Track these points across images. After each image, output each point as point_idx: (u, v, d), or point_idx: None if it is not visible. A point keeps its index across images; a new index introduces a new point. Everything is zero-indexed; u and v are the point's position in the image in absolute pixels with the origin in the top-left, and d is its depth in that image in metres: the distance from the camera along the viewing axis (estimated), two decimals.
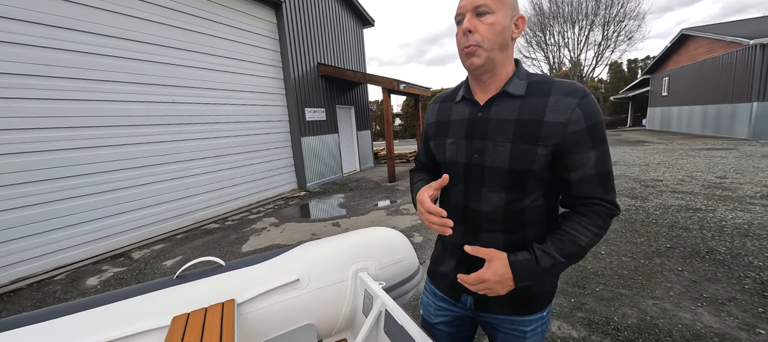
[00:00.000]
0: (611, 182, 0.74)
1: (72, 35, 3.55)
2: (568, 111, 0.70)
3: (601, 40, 21.97)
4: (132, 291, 1.16)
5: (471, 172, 0.81)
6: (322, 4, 7.75)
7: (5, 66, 3.10)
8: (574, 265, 2.74)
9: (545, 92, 0.74)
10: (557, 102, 0.72)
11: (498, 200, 0.78)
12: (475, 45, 0.73)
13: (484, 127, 0.78)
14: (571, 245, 0.72)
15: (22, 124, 3.22)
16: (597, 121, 0.71)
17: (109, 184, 3.90)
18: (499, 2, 0.71)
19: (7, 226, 3.14)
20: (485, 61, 0.74)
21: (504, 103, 0.77)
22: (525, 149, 0.73)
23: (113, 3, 3.90)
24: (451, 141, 0.85)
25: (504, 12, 0.72)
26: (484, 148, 0.78)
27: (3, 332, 0.97)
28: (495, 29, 0.71)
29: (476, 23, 0.72)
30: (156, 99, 4.37)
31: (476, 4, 0.71)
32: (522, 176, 0.75)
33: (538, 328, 0.86)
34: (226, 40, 5.41)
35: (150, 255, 3.79)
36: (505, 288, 0.74)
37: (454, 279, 0.88)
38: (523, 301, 0.83)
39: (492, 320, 0.88)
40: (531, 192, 0.77)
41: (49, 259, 3.41)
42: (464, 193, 0.83)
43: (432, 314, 0.99)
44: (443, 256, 0.95)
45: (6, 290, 3.02)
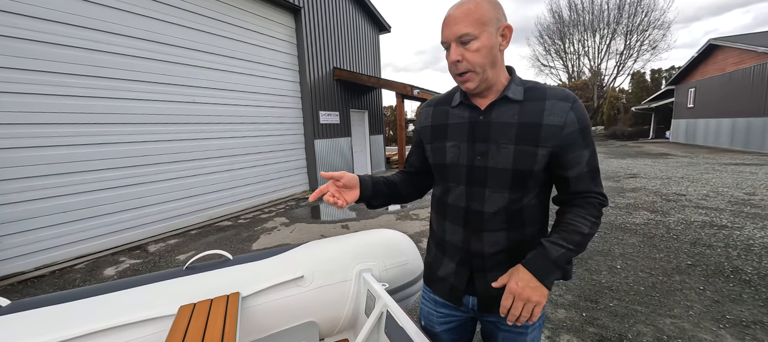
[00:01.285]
0: (599, 177, 0.81)
1: (104, 36, 3.74)
2: (563, 114, 0.75)
3: (623, 50, 21.38)
4: (144, 279, 1.20)
5: (474, 174, 0.83)
6: (340, 10, 7.89)
7: (37, 64, 3.29)
8: (587, 278, 2.65)
9: (541, 97, 0.78)
10: (554, 106, 0.76)
11: (501, 200, 0.81)
12: (465, 71, 0.76)
13: (486, 130, 0.81)
14: (576, 234, 0.75)
15: (51, 119, 3.40)
16: (587, 123, 0.78)
17: (129, 179, 4.06)
18: (480, 25, 0.72)
19: (32, 215, 3.31)
20: (479, 83, 0.78)
21: (504, 107, 0.80)
22: (527, 150, 0.77)
23: (144, 7, 4.10)
24: (452, 144, 0.86)
25: (487, 33, 0.73)
26: (487, 150, 0.80)
27: (26, 311, 1.02)
28: (482, 53, 0.74)
29: (462, 52, 0.74)
30: (177, 99, 4.54)
31: (459, 33, 0.73)
32: (524, 176, 0.79)
33: (536, 322, 0.88)
34: (245, 43, 5.58)
35: (165, 249, 3.91)
36: (537, 290, 0.73)
37: (454, 282, 0.90)
38: None
39: (494, 319, 0.89)
40: (529, 191, 0.81)
41: (70, 249, 3.56)
42: (466, 195, 0.84)
43: (435, 322, 0.98)
44: (440, 260, 0.94)
45: (30, 276, 3.18)
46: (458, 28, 0.73)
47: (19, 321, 0.99)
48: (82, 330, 0.98)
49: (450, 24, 0.75)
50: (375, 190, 0.94)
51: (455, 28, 0.73)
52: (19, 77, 3.18)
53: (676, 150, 12.01)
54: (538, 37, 25.98)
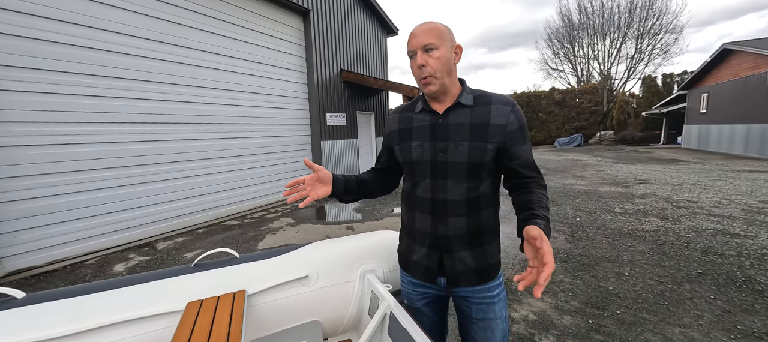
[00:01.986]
0: (536, 165, 0.99)
1: (117, 38, 3.84)
2: (505, 115, 0.93)
3: (634, 54, 21.10)
4: (152, 275, 1.22)
5: (436, 169, 0.98)
6: (348, 12, 7.95)
7: (51, 64, 3.39)
8: (594, 285, 2.62)
9: (488, 102, 0.96)
10: (498, 109, 0.94)
11: (460, 190, 0.96)
12: (429, 76, 0.92)
13: (445, 131, 0.97)
14: (546, 209, 0.90)
15: (64, 118, 3.49)
16: (525, 123, 0.97)
17: (139, 177, 4.14)
18: (440, 39, 0.91)
19: (45, 211, 3.39)
20: (439, 87, 0.94)
21: (459, 111, 0.97)
22: (479, 146, 0.93)
23: (157, 10, 4.19)
24: (417, 144, 1.01)
25: (445, 46, 0.92)
26: (447, 147, 0.96)
27: (40, 303, 1.05)
28: (442, 61, 0.92)
29: (427, 58, 0.91)
30: (187, 99, 4.62)
31: (424, 43, 0.91)
32: (477, 168, 0.95)
33: (501, 293, 1.04)
34: (255, 45, 5.66)
35: (173, 246, 3.97)
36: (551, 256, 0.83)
37: (427, 264, 1.04)
38: (485, 270, 1.01)
39: (465, 294, 1.03)
40: (483, 181, 0.97)
41: (81, 245, 3.65)
42: (431, 187, 0.99)
43: (415, 299, 1.14)
44: (412, 247, 1.09)
45: (42, 271, 3.26)
46: (423, 38, 0.91)
47: (34, 313, 1.02)
48: (94, 323, 1.01)
49: (417, 36, 0.92)
50: (346, 187, 1.11)
51: (421, 38, 0.91)
52: (35, 77, 3.28)
53: (688, 156, 11.78)
54: (546, 41, 25.82)
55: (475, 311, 1.04)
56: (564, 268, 2.97)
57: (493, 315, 1.03)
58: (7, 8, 3.07)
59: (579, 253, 3.29)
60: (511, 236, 3.88)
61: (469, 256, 1.00)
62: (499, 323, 1.03)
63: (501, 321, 1.04)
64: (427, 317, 1.14)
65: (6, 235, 3.14)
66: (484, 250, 1.01)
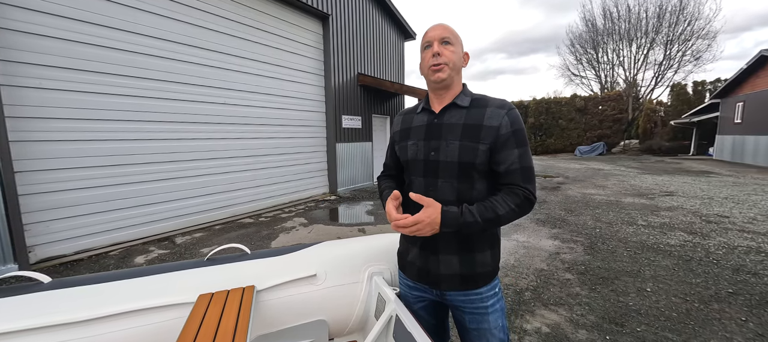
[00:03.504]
0: (530, 174, 0.94)
1: (146, 40, 4.04)
2: (499, 118, 0.94)
3: (663, 60, 20.26)
4: (168, 267, 1.27)
5: (428, 167, 1.00)
6: (367, 17, 8.04)
7: (87, 65, 3.60)
8: (612, 299, 2.51)
9: (483, 105, 0.98)
10: (492, 112, 0.95)
11: (451, 190, 0.97)
12: (442, 63, 0.96)
13: (438, 130, 0.99)
14: (491, 212, 0.90)
15: (95, 115, 3.69)
16: (520, 128, 0.95)
17: (162, 174, 4.32)
18: (455, 39, 0.99)
19: (75, 203, 3.59)
20: (447, 77, 0.97)
21: (454, 111, 1.00)
22: (470, 146, 0.94)
23: (184, 14, 4.38)
24: (412, 143, 1.04)
25: (459, 45, 1.00)
26: (439, 146, 0.98)
27: (65, 288, 1.11)
28: (455, 55, 0.98)
29: (442, 49, 0.96)
30: (210, 100, 4.79)
31: (443, 35, 0.97)
32: (467, 168, 0.95)
33: (495, 304, 1.03)
34: (275, 49, 5.81)
35: (191, 241, 4.10)
36: (432, 230, 0.90)
37: (420, 265, 1.05)
38: (469, 277, 1.00)
39: (457, 303, 1.03)
40: (476, 183, 0.97)
41: (106, 236, 3.83)
42: (424, 185, 1.01)
43: (412, 302, 1.15)
44: (408, 247, 1.11)
45: (70, 259, 3.44)
46: (441, 32, 0.97)
47: (58, 297, 1.08)
48: (111, 310, 1.05)
49: (435, 30, 0.98)
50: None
51: (439, 32, 0.97)
52: (71, 76, 3.49)
53: (720, 168, 11.13)
54: (568, 46, 25.13)
55: (468, 320, 1.03)
56: (581, 280, 2.86)
57: (488, 325, 1.01)
58: (46, 12, 3.29)
59: (597, 265, 3.16)
60: (527, 245, 3.78)
61: (457, 260, 0.99)
62: (495, 334, 1.02)
63: (497, 331, 1.02)
64: (425, 321, 1.13)
65: (39, 224, 3.34)
66: (474, 258, 0.99)
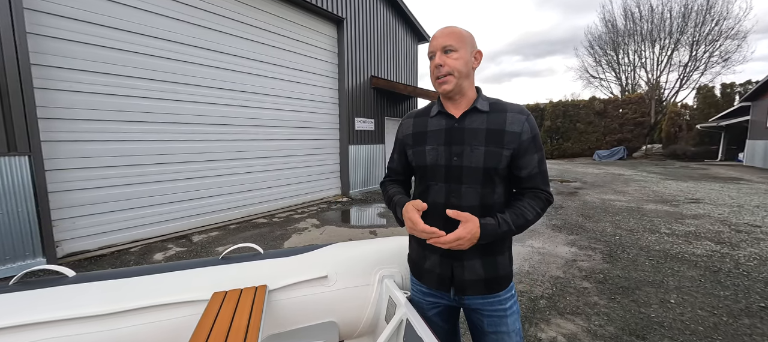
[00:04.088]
0: (547, 178, 1.00)
1: (165, 45, 4.19)
2: (520, 124, 0.95)
3: (688, 62, 19.46)
4: (184, 265, 1.30)
5: (451, 173, 0.97)
6: (381, 20, 8.08)
7: (109, 68, 3.76)
8: (633, 310, 2.40)
9: (503, 110, 0.97)
10: (513, 117, 0.96)
11: (475, 195, 0.96)
12: (445, 75, 0.94)
13: (461, 135, 0.97)
14: (522, 219, 0.94)
15: (118, 117, 3.84)
16: (537, 133, 0.98)
17: (180, 174, 4.45)
18: (460, 42, 0.94)
19: (99, 200, 3.74)
20: (454, 87, 0.95)
21: (475, 116, 0.98)
22: (495, 151, 0.94)
23: (201, 19, 4.52)
24: (431, 147, 1.01)
25: (465, 49, 0.95)
26: (462, 151, 0.96)
27: (88, 282, 1.16)
28: (460, 62, 0.94)
29: (445, 59, 0.94)
30: (227, 102, 4.91)
31: (444, 44, 0.94)
32: (491, 173, 0.95)
33: (513, 306, 1.04)
34: (290, 52, 5.91)
35: (207, 240, 4.20)
36: (471, 243, 0.91)
37: (441, 272, 1.02)
38: (493, 281, 1.00)
39: (476, 306, 1.03)
40: (497, 187, 0.98)
41: (127, 233, 3.97)
42: (445, 191, 0.99)
43: (425, 308, 1.12)
44: (424, 254, 1.08)
45: (94, 254, 3.58)
46: (443, 40, 0.94)
47: (81, 290, 1.12)
48: (132, 305, 1.09)
49: (437, 38, 0.95)
50: None
51: (441, 40, 0.94)
52: (97, 79, 3.65)
53: (751, 174, 10.56)
54: (587, 48, 24.51)
55: (487, 324, 1.03)
56: (599, 289, 2.76)
57: (506, 328, 1.02)
58: (76, 18, 3.46)
59: (617, 274, 3.05)
60: (542, 251, 3.68)
61: (480, 265, 0.99)
62: (512, 337, 1.03)
63: (514, 334, 1.03)
64: (439, 327, 1.13)
65: (66, 221, 3.50)
66: (496, 261, 1.01)
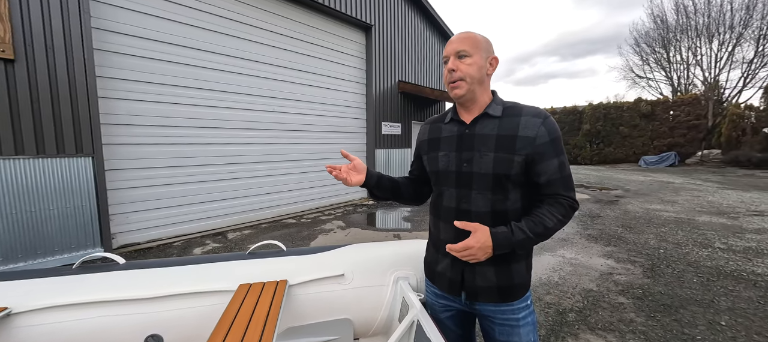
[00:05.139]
0: (571, 183, 0.94)
1: (207, 56, 4.54)
2: (535, 128, 0.91)
3: (754, 58, 17.43)
4: (216, 257, 1.42)
5: (461, 179, 0.98)
6: (409, 26, 8.13)
7: (158, 78, 4.14)
8: (675, 330, 2.21)
9: (517, 114, 0.94)
10: (527, 121, 0.92)
11: (485, 201, 0.95)
12: (458, 80, 0.94)
13: (471, 141, 0.98)
14: (540, 226, 0.90)
15: (164, 122, 4.22)
16: (557, 136, 0.93)
17: (218, 175, 4.78)
18: (475, 47, 0.94)
19: (148, 198, 4.12)
20: (466, 92, 0.95)
21: (486, 121, 0.97)
22: (504, 157, 0.92)
23: (238, 30, 4.85)
24: (443, 153, 1.03)
25: (479, 55, 0.94)
26: (472, 157, 0.96)
27: (135, 269, 1.31)
28: (473, 68, 0.94)
29: (458, 63, 0.94)
30: (261, 108, 5.21)
31: (458, 49, 0.94)
32: (502, 180, 0.93)
33: (527, 317, 1.01)
34: (320, 59, 6.14)
35: (240, 237, 4.47)
36: (485, 254, 0.90)
37: (452, 276, 1.03)
38: (507, 289, 0.98)
39: (487, 313, 1.01)
40: (511, 194, 0.95)
41: (171, 229, 4.33)
42: (456, 197, 1.00)
43: (438, 311, 1.14)
44: (437, 258, 1.09)
45: (142, 247, 3.95)
46: (457, 45, 0.94)
47: (130, 276, 1.27)
48: (170, 291, 1.21)
49: (452, 43, 0.96)
50: (379, 182, 1.14)
51: (455, 45, 0.95)
52: (150, 89, 4.04)
53: None
54: (633, 46, 22.82)
55: (498, 332, 1.01)
56: (637, 305, 2.57)
57: (518, 339, 0.99)
58: (131, 34, 3.87)
59: (659, 290, 2.82)
60: (575, 262, 3.49)
61: (492, 272, 0.98)
62: None
63: None
64: (451, 331, 1.14)
65: (120, 216, 3.90)
66: (510, 269, 0.98)
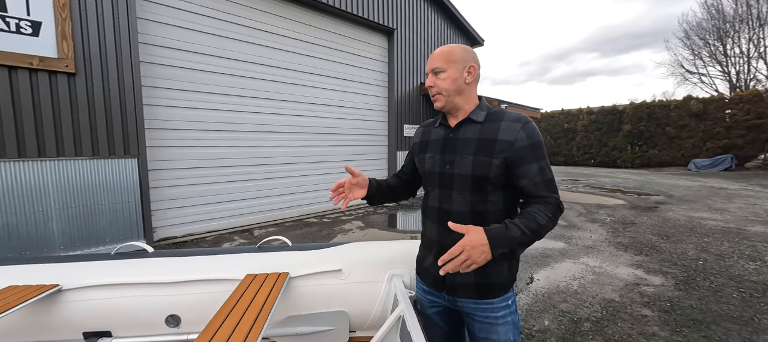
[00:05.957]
0: (554, 185, 0.96)
1: (237, 64, 4.88)
2: (514, 132, 0.95)
3: None
4: (229, 250, 1.58)
5: (444, 180, 1.04)
6: (432, 28, 8.13)
7: (200, 86, 4.52)
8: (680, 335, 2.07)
9: (499, 119, 0.99)
10: (507, 126, 0.97)
11: (464, 201, 1.00)
12: (436, 94, 1.04)
13: (454, 144, 1.04)
14: (533, 223, 0.90)
15: (200, 126, 4.59)
16: (537, 141, 0.96)
17: (245, 176, 5.10)
18: (448, 63, 1.01)
19: (185, 196, 4.51)
20: (445, 104, 1.04)
21: (469, 126, 1.03)
22: (483, 160, 0.96)
23: (266, 39, 5.17)
24: (429, 155, 1.10)
25: (454, 68, 1.00)
26: (454, 160, 1.02)
27: (160, 258, 1.49)
28: (447, 81, 1.01)
29: (435, 80, 1.03)
30: (288, 112, 5.49)
31: (433, 66, 1.03)
32: (481, 182, 0.97)
33: (507, 316, 1.03)
34: (343, 64, 6.34)
35: (265, 234, 4.73)
36: (483, 254, 0.86)
37: (436, 272, 1.06)
38: (484, 287, 1.01)
39: (468, 309, 1.05)
40: (491, 196, 0.99)
41: (204, 225, 4.70)
42: (439, 197, 1.06)
43: (426, 307, 1.19)
44: (425, 254, 1.16)
45: (179, 240, 4.33)
46: (433, 63, 1.03)
47: (157, 263, 1.46)
48: (188, 277, 1.37)
49: (430, 60, 1.04)
50: (379, 191, 1.24)
51: (432, 63, 1.03)
52: (187, 96, 4.43)
53: None
54: (682, 39, 20.94)
55: (477, 329, 1.05)
56: (662, 318, 2.42)
57: (497, 337, 1.02)
58: (171, 47, 4.27)
59: (690, 304, 2.62)
60: (598, 270, 3.33)
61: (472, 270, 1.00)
62: None
63: None
64: (439, 327, 1.19)
65: (160, 212, 4.30)
66: (488, 268, 1.00)
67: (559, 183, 10.60)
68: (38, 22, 3.32)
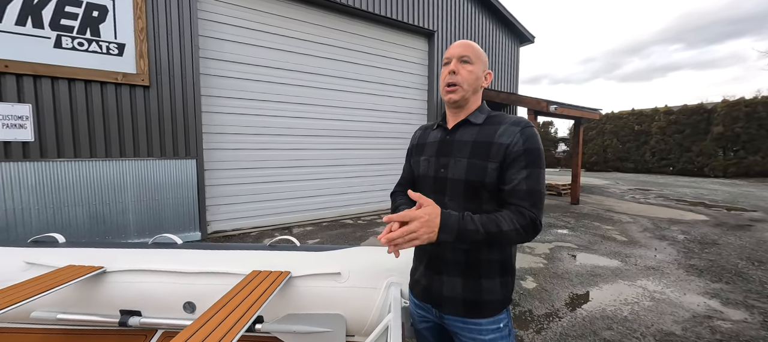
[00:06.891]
0: (538, 200, 0.86)
1: (288, 74, 5.26)
2: (512, 135, 0.89)
3: None
4: (242, 246, 1.70)
5: (437, 184, 0.99)
6: (475, 27, 7.85)
7: (250, 94, 4.95)
8: None
9: (498, 122, 0.94)
10: (506, 129, 0.90)
11: (457, 209, 0.90)
12: (457, 84, 0.95)
13: (449, 147, 0.98)
14: (494, 225, 0.81)
15: (248, 131, 5.03)
16: (534, 147, 0.88)
17: (288, 177, 5.45)
18: (477, 57, 0.96)
19: (234, 194, 4.97)
20: (460, 98, 0.96)
21: (466, 128, 0.98)
22: (479, 164, 0.90)
23: (307, 48, 5.47)
24: (425, 158, 1.05)
25: (479, 65, 0.96)
26: (448, 163, 0.97)
27: (187, 249, 1.66)
28: (472, 75, 0.95)
29: (460, 67, 0.95)
30: (329, 117, 5.76)
31: (461, 53, 0.95)
32: (475, 187, 0.91)
33: (496, 339, 0.94)
34: (383, 69, 6.44)
35: (302, 233, 4.99)
36: (428, 233, 0.77)
37: (425, 284, 1.03)
38: (473, 304, 0.94)
39: (454, 328, 0.99)
40: (485, 205, 0.91)
41: (249, 221, 5.11)
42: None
43: (417, 321, 1.16)
44: (416, 266, 1.12)
45: (228, 234, 4.78)
46: (461, 50, 0.96)
47: (183, 254, 1.62)
48: (205, 269, 1.51)
49: (456, 47, 0.97)
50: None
51: (459, 49, 0.96)
52: (239, 104, 4.89)
53: None
54: None
55: None
56: None
57: None
58: (225, 59, 4.76)
59: None
60: (658, 296, 2.88)
61: (460, 284, 0.95)
62: None
63: None
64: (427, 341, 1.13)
65: (213, 207, 4.80)
66: (480, 284, 0.94)
67: (625, 192, 9.38)
68: (123, 44, 3.95)
